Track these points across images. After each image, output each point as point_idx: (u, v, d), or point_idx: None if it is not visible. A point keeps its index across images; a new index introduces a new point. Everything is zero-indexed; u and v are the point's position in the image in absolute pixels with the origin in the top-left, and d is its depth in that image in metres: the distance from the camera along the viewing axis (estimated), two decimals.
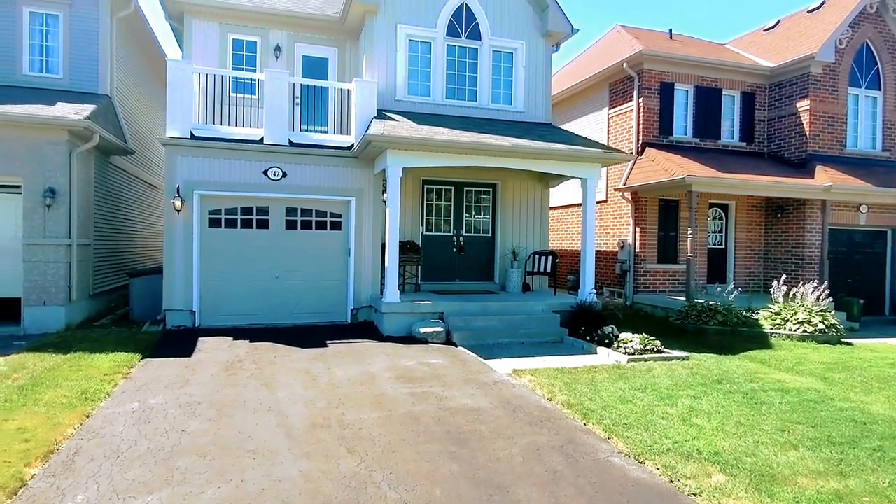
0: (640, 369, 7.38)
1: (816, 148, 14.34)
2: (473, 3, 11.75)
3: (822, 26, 15.10)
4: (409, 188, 11.33)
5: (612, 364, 7.66)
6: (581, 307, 9.72)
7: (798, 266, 14.05)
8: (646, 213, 13.90)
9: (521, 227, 12.20)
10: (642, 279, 13.79)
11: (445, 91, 11.62)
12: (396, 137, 8.82)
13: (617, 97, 15.19)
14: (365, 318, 10.14)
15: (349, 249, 10.19)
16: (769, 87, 15.38)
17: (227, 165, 9.58)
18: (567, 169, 10.26)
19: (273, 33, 12.00)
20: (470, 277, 11.94)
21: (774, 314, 10.58)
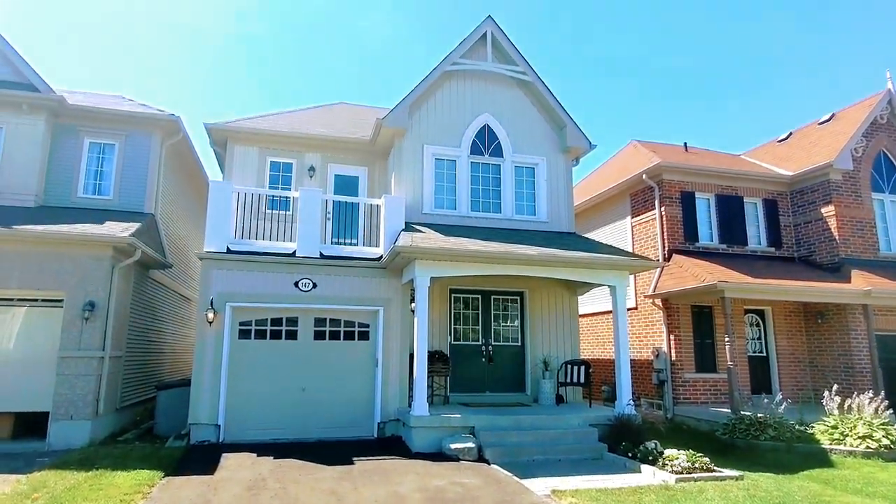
0: (690, 490, 6.77)
1: (849, 252, 14.15)
2: (495, 125, 12.51)
3: (835, 137, 15.56)
4: (436, 297, 11.35)
5: (658, 484, 7.06)
6: (619, 420, 9.20)
7: (848, 375, 13.28)
8: (679, 320, 13.56)
9: (551, 336, 11.95)
10: (682, 390, 13.12)
11: (470, 204, 12.02)
12: (424, 248, 9.01)
13: (639, 206, 15.50)
14: (392, 432, 9.72)
15: (377, 360, 10.03)
16: (790, 193, 15.57)
17: (260, 278, 9.81)
18: (595, 277, 10.23)
19: (308, 155, 12.83)
20: (500, 388, 11.53)
21: (831, 428, 9.81)
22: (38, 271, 9.32)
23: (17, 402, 9.22)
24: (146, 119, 11.84)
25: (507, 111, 12.68)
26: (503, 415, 9.23)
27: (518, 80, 12.81)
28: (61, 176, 11.24)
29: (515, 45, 12.78)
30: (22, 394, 9.20)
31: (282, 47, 54.50)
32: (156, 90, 50.46)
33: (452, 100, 12.42)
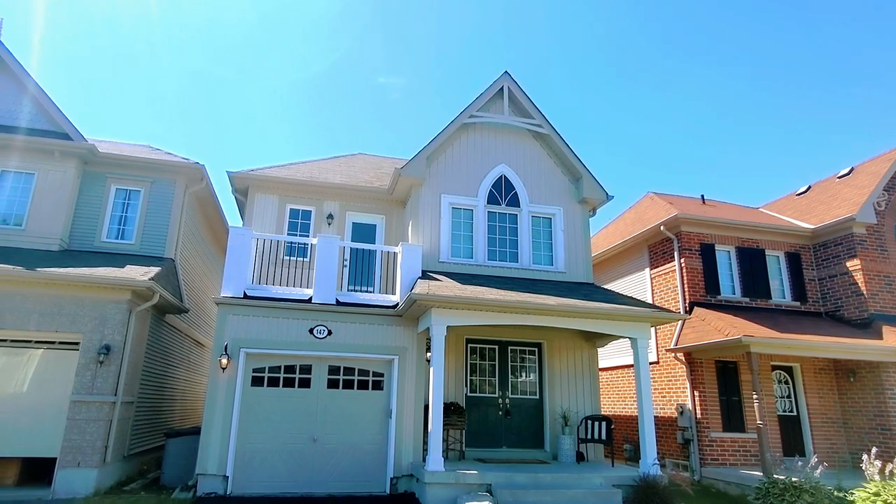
0: None
1: (878, 307, 13.71)
2: (511, 175, 12.62)
3: (855, 190, 15.40)
4: (452, 347, 11.14)
5: None
6: (645, 481, 8.73)
7: (886, 437, 12.58)
8: (703, 375, 13.09)
9: (571, 390, 11.59)
10: (709, 450, 12.50)
11: (487, 253, 11.97)
12: (441, 296, 8.91)
13: (657, 258, 15.31)
14: (405, 488, 9.32)
15: (391, 411, 9.75)
16: (813, 247, 15.29)
17: (275, 324, 9.74)
18: (615, 328, 9.98)
19: (326, 203, 13.00)
20: (518, 444, 11.09)
21: (872, 495, 9.18)
22: (56, 314, 9.36)
23: (26, 447, 9.07)
24: (171, 167, 12.15)
25: (524, 162, 12.81)
26: (521, 472, 8.83)
27: (534, 132, 13.00)
28: (86, 221, 11.48)
29: (531, 99, 13.05)
30: (31, 439, 9.06)
31: (303, 100, 56.54)
32: (182, 141, 52.30)
33: (469, 151, 12.60)
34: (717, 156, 51.45)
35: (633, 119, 52.79)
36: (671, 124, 51.75)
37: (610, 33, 48.00)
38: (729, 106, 48.86)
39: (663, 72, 48.32)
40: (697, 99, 48.88)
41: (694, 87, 47.92)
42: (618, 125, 54.04)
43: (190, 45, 52.88)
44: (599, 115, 54.56)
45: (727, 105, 48.95)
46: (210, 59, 51.12)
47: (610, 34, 47.96)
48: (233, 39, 53.91)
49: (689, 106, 49.77)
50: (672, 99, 50.33)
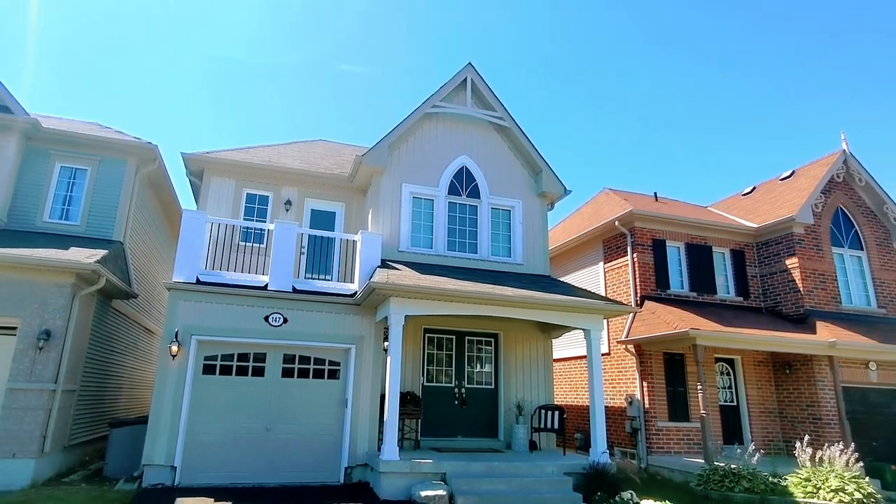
0: None
1: (813, 304, 14.51)
2: (473, 167, 12.68)
3: (796, 192, 16.21)
4: (409, 337, 11.15)
5: None
6: (595, 469, 9.01)
7: (816, 426, 13.37)
8: (652, 367, 13.57)
9: (525, 380, 11.80)
10: (655, 438, 13.00)
11: (447, 243, 12.02)
12: (400, 285, 8.89)
13: (611, 252, 15.73)
14: (360, 477, 9.31)
15: (346, 400, 9.70)
16: (756, 245, 16.03)
17: (229, 311, 9.50)
18: (570, 320, 10.21)
19: (285, 189, 12.74)
20: (473, 433, 11.24)
21: (804, 480, 9.77)
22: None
23: None
24: (121, 146, 11.64)
25: (485, 154, 12.89)
26: (476, 461, 8.95)
27: (496, 124, 13.08)
28: (28, 199, 10.89)
29: (494, 92, 13.11)
30: None
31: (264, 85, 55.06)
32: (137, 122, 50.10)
33: (432, 141, 12.58)
34: (669, 155, 53.13)
35: (591, 116, 53.84)
36: (628, 122, 53.06)
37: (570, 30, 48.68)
38: (684, 107, 50.47)
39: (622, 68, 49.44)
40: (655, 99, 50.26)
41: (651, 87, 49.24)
42: (575, 122, 55.02)
43: (191, 29, 50.55)
44: (558, 112, 55.41)
45: (682, 106, 50.55)
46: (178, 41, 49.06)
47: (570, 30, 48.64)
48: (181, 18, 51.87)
49: (646, 105, 51.14)
50: (630, 97, 51.58)
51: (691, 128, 52.04)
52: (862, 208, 16.41)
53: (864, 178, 16.38)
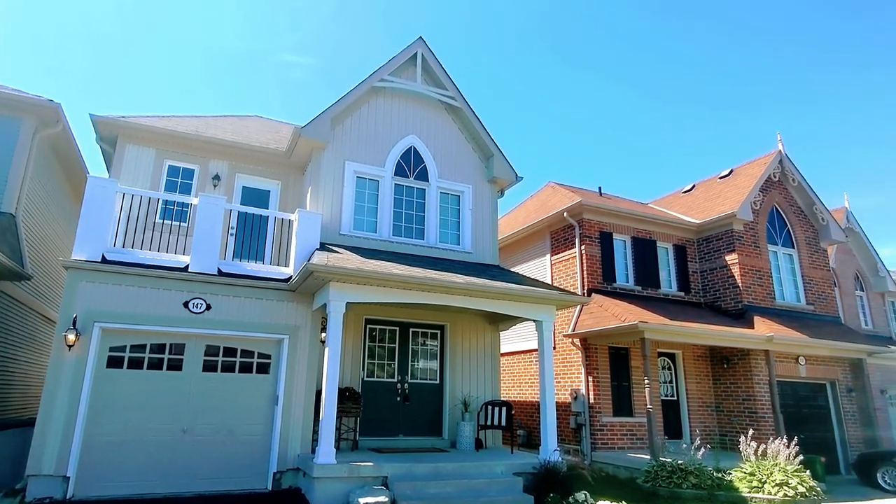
0: None
1: (750, 299, 14.77)
2: (422, 148, 11.90)
3: (736, 190, 16.50)
4: (350, 328, 10.26)
5: None
6: (547, 469, 8.48)
7: (752, 420, 13.57)
8: (597, 361, 13.31)
9: (472, 374, 11.18)
10: (599, 434, 12.74)
11: (392, 228, 11.18)
12: (342, 269, 7.99)
13: (559, 244, 15.40)
14: (291, 483, 8.33)
15: (277, 397, 8.68)
16: (697, 241, 16.19)
17: (142, 295, 8.25)
18: (522, 310, 9.65)
19: (213, 163, 11.46)
20: (416, 431, 10.48)
21: (748, 475, 9.70)
22: None
23: None
24: (15, 103, 9.97)
25: (435, 135, 12.14)
26: (420, 462, 8.21)
27: (447, 104, 12.36)
28: None
29: (445, 70, 12.38)
30: None
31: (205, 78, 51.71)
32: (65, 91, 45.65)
33: (378, 117, 11.68)
34: (609, 152, 54.41)
35: (533, 113, 54.25)
36: (568, 119, 53.86)
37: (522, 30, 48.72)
38: (625, 105, 51.74)
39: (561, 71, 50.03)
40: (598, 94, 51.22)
41: (591, 87, 50.12)
42: (518, 117, 55.28)
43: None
44: (498, 108, 55.48)
45: (624, 104, 51.81)
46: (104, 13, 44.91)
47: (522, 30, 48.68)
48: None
49: (587, 102, 52.05)
50: (569, 94, 52.33)
51: (629, 127, 53.51)
52: (794, 208, 16.95)
53: (797, 179, 16.91)
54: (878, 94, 45.09)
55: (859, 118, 48.65)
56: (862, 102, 47.13)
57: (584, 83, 50.49)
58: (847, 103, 47.72)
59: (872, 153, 50.39)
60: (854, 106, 47.86)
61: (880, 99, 45.39)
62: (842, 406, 15.11)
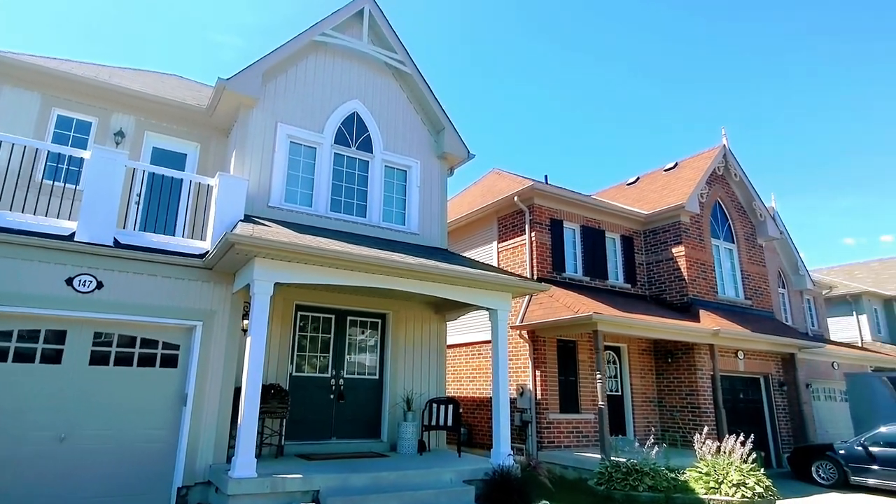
0: None
1: (695, 293, 14.58)
2: (366, 115, 10.62)
3: (682, 182, 16.33)
4: (278, 315, 8.88)
5: None
6: (501, 475, 7.55)
7: (694, 415, 13.35)
8: (545, 354, 12.59)
9: (416, 369, 10.09)
10: (546, 432, 12.03)
11: (330, 203, 9.86)
12: (270, 242, 6.64)
13: (507, 231, 14.58)
14: (199, 500, 6.91)
15: (186, 396, 7.21)
16: (644, 232, 15.88)
17: (10, 267, 6.53)
18: (476, 297, 8.64)
19: (117, 117, 9.65)
20: (351, 434, 9.26)
21: (704, 475, 9.23)
22: None
23: None
24: None
25: (381, 102, 10.89)
26: (357, 471, 7.03)
27: (395, 69, 11.13)
28: None
29: (395, 31, 11.14)
30: None
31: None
32: None
33: (318, 76, 10.28)
34: (549, 145, 54.71)
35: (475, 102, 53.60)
36: (513, 109, 53.63)
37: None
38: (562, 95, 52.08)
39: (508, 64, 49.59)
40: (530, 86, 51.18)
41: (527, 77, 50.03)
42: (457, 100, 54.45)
43: None
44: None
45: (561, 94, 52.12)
46: None
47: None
48: None
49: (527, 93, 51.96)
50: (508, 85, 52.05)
51: (569, 120, 54.00)
52: (735, 203, 17.03)
53: (739, 174, 16.99)
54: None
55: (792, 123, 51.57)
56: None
57: (512, 79, 50.36)
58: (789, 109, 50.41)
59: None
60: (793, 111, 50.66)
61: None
62: (774, 400, 15.30)
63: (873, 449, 11.59)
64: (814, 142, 54.31)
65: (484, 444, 12.91)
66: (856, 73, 48.42)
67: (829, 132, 54.75)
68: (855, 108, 51.08)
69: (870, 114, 50.80)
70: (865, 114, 51.65)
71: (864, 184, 60.03)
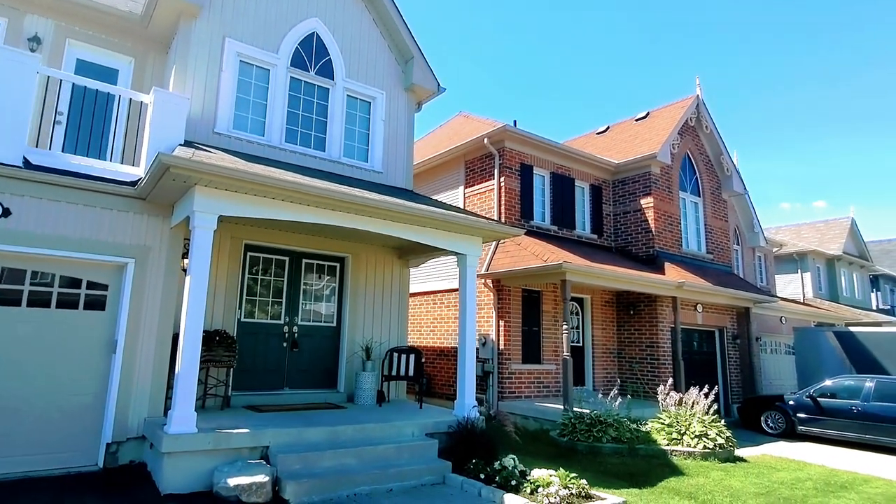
0: None
1: (661, 245, 14.40)
2: (326, 37, 9.50)
3: (654, 132, 15.90)
4: (224, 255, 8.02)
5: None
6: (465, 428, 7.14)
7: (654, 367, 13.40)
8: (510, 304, 12.20)
9: (376, 317, 9.46)
10: (507, 382, 11.79)
11: (285, 133, 8.86)
12: (212, 167, 5.72)
13: (475, 175, 13.86)
14: (133, 457, 6.21)
15: (115, 343, 6.37)
16: (613, 182, 15.48)
17: None
18: (444, 241, 7.99)
19: (31, 19, 8.23)
20: (306, 384, 8.65)
21: (666, 426, 9.17)
22: None
23: None
24: None
25: (344, 23, 9.76)
26: (313, 425, 6.45)
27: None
28: None
29: None
30: None
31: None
32: None
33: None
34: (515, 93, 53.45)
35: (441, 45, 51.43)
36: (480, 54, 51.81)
37: None
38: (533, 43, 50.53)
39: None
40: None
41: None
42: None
43: None
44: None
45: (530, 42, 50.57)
46: None
47: None
48: None
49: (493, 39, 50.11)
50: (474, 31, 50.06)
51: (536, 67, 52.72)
52: (703, 156, 16.78)
53: (710, 127, 16.69)
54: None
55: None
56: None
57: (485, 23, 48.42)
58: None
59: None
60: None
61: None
62: (727, 353, 15.59)
63: (821, 400, 11.89)
64: (751, 111, 55.17)
65: (444, 394, 12.62)
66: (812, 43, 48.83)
67: (763, 103, 55.59)
68: (789, 79, 51.86)
69: (801, 83, 51.71)
70: (797, 82, 52.56)
71: (801, 154, 61.88)
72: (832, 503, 6.61)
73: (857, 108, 48.19)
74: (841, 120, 50.64)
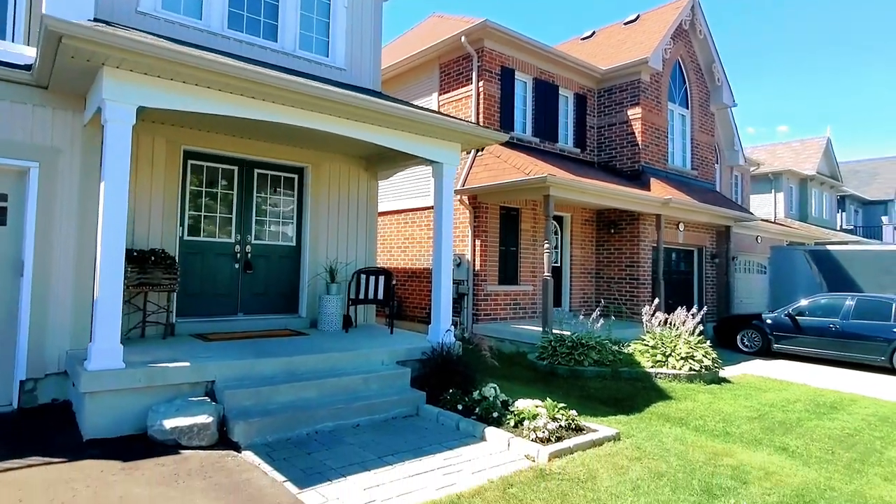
0: (574, 475, 4.36)
1: (647, 160, 13.59)
2: None
3: (645, 36, 14.61)
4: (160, 162, 6.84)
5: (527, 467, 4.51)
6: (441, 355, 6.46)
7: (632, 287, 12.98)
8: (487, 222, 11.38)
9: (341, 235, 8.52)
10: (483, 304, 11.18)
11: (228, 16, 7.44)
12: (123, 39, 4.46)
13: (450, 80, 12.54)
14: (55, 396, 5.35)
15: (21, 263, 5.33)
16: (598, 92, 14.34)
17: None
18: (418, 147, 6.95)
19: None
20: (262, 309, 7.80)
21: (650, 348, 8.74)
22: None
23: None
24: None
25: None
26: (267, 355, 5.66)
27: None
28: None
29: None
30: None
31: None
32: None
33: None
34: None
35: None
36: None
37: None
38: None
39: None
40: None
41: None
42: None
43: None
44: None
45: None
46: None
47: None
48: None
49: None
50: None
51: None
52: (694, 65, 15.66)
53: (704, 32, 15.47)
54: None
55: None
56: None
57: None
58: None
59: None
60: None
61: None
62: (705, 272, 15.32)
63: (800, 318, 11.71)
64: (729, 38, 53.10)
65: (415, 317, 12.02)
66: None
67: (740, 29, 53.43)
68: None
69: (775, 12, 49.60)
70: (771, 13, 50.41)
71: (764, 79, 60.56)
72: (828, 425, 6.28)
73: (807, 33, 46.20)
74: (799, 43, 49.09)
